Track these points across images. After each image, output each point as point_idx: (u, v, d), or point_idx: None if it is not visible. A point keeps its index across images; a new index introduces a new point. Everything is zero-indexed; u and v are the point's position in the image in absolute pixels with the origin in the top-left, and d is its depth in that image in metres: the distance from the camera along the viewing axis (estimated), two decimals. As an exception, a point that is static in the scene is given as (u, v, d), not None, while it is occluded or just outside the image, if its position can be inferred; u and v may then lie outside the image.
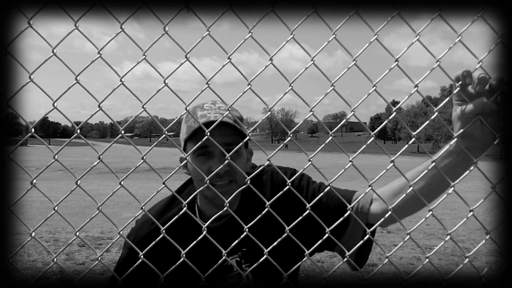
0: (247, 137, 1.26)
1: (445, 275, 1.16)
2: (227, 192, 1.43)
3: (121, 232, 1.00)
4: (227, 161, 1.14)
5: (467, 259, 1.16)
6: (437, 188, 1.31)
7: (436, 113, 1.13)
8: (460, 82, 1.13)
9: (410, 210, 1.39)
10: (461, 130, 1.18)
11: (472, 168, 1.22)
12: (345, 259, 1.24)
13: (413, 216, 1.49)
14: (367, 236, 1.24)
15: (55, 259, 0.99)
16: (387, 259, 1.15)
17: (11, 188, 1.12)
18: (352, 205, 1.23)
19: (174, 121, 1.09)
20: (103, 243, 7.77)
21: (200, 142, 1.20)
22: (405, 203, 1.30)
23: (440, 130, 64.83)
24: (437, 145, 65.31)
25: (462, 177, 1.23)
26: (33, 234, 0.97)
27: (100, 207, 0.94)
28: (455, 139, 1.20)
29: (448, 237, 1.16)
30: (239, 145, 1.19)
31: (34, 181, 0.92)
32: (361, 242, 1.29)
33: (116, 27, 0.91)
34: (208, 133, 1.10)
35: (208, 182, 1.16)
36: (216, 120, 1.27)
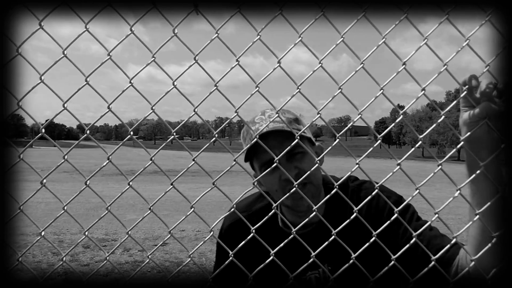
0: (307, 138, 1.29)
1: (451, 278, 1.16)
2: (311, 195, 1.38)
3: (129, 232, 1.01)
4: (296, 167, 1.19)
5: (472, 263, 1.16)
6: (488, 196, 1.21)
7: (443, 116, 1.14)
8: (467, 86, 1.13)
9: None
10: (468, 133, 1.17)
11: (477, 171, 1.21)
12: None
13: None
14: None
15: (63, 259, 1.00)
16: (393, 262, 1.15)
17: (17, 189, 1.13)
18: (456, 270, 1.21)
19: (183, 122, 1.10)
20: (107, 245, 7.78)
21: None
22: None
23: (445, 135, 64.57)
24: (442, 149, 65.07)
25: (468, 180, 1.23)
26: (43, 233, 0.98)
27: (109, 208, 0.94)
28: (460, 141, 1.20)
29: (454, 240, 1.16)
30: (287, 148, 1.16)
31: (44, 181, 0.93)
32: None
33: (121, 29, 0.92)
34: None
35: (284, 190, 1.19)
36: (268, 131, 1.30)
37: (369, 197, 1.18)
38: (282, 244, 1.13)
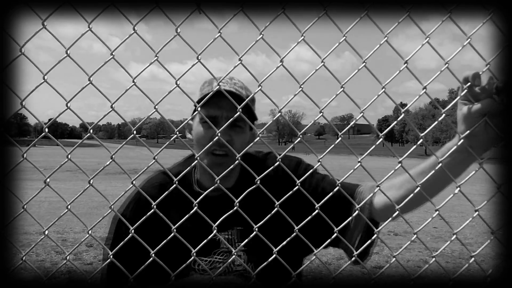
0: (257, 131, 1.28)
1: (451, 276, 1.16)
2: (221, 165, 1.45)
3: (132, 231, 1.01)
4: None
5: (472, 259, 1.16)
6: (437, 183, 1.31)
7: (444, 115, 1.14)
8: (469, 84, 1.14)
9: (412, 205, 1.35)
10: (468, 131, 1.18)
11: (477, 169, 1.22)
12: (352, 258, 1.24)
13: (419, 218, 1.49)
14: (375, 236, 1.24)
15: (67, 257, 1.00)
16: (394, 259, 1.15)
17: (21, 188, 1.13)
18: (360, 204, 1.24)
19: (186, 121, 1.10)
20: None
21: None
22: (406, 198, 1.29)
23: (447, 133, 64.46)
24: (445, 147, 64.84)
25: (468, 177, 1.23)
26: (46, 232, 0.98)
27: (112, 206, 0.95)
28: (460, 138, 1.20)
29: (454, 236, 1.16)
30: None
31: (48, 180, 0.93)
32: (369, 242, 1.31)
33: (125, 27, 0.92)
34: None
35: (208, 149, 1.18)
36: (229, 91, 1.33)
37: (273, 166, 1.23)
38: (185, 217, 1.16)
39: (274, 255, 1.17)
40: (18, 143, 1.04)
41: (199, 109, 1.25)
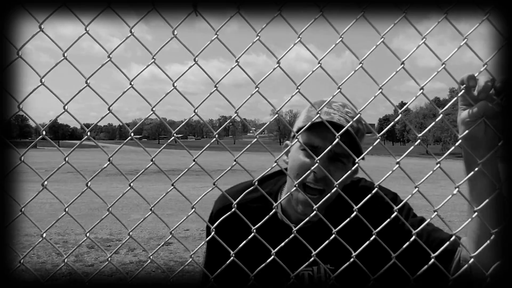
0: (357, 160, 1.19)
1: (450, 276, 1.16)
2: (314, 201, 1.29)
3: (131, 233, 1.01)
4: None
5: (471, 259, 1.16)
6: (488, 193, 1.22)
7: (442, 115, 1.14)
8: (465, 85, 1.14)
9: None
10: (465, 132, 1.18)
11: (476, 169, 1.21)
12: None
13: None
14: None
15: (65, 260, 1.00)
16: (393, 260, 1.15)
17: (20, 189, 1.13)
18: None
19: (183, 123, 1.10)
20: (112, 245, 7.80)
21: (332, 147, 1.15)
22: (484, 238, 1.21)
23: (448, 132, 64.43)
24: (446, 146, 64.90)
25: (466, 178, 1.23)
26: (44, 235, 0.98)
27: (109, 209, 0.95)
28: (458, 139, 1.20)
29: (453, 237, 1.16)
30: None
31: (46, 182, 0.93)
32: None
33: (124, 28, 0.92)
34: (338, 138, 1.08)
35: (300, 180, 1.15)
36: (338, 124, 1.23)
37: (369, 195, 1.16)
38: (283, 243, 1.13)
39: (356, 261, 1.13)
40: (19, 144, 1.04)
41: (299, 136, 1.23)
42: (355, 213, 1.09)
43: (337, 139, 1.09)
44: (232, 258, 1.11)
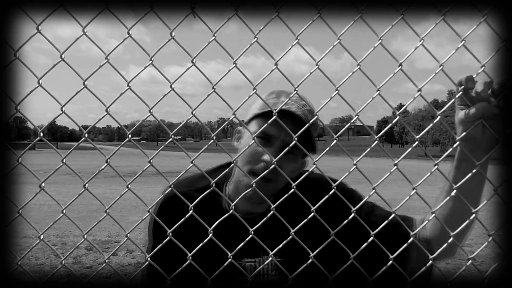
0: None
1: (449, 278, 1.16)
2: (262, 190, 1.25)
3: (128, 235, 1.01)
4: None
5: (469, 261, 1.16)
6: (474, 193, 1.26)
7: (439, 117, 1.14)
8: (463, 87, 1.14)
9: (465, 229, 1.26)
10: (463, 133, 1.18)
11: (474, 170, 1.21)
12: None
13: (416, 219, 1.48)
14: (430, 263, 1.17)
15: (63, 262, 1.00)
16: (391, 261, 1.15)
17: (19, 191, 1.13)
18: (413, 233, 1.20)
19: (180, 125, 1.10)
20: (110, 247, 7.79)
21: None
22: (457, 224, 1.23)
23: (447, 134, 64.47)
24: (444, 148, 64.95)
25: (464, 179, 1.23)
26: (41, 237, 0.98)
27: (107, 210, 0.94)
28: (456, 141, 1.20)
29: (451, 239, 1.16)
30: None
31: (43, 184, 0.93)
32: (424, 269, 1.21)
33: (123, 29, 0.92)
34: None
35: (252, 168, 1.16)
36: (295, 114, 1.23)
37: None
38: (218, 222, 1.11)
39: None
40: (17, 146, 1.04)
41: (255, 121, 1.25)
42: (314, 211, 1.10)
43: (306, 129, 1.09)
44: (175, 250, 1.09)
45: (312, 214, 1.11)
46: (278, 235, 1.14)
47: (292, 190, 1.10)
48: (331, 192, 1.13)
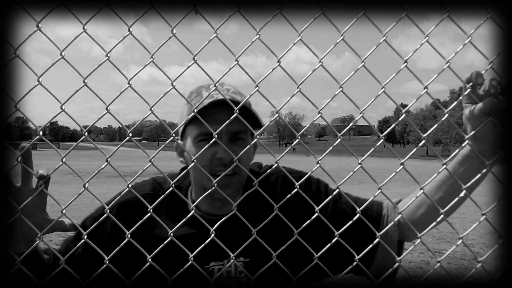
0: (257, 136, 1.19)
1: (455, 279, 1.15)
2: (228, 185, 1.26)
3: (129, 235, 1.00)
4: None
5: (479, 264, 1.15)
6: (457, 195, 1.24)
7: (447, 115, 1.12)
8: (471, 84, 1.12)
9: (432, 220, 1.27)
10: (473, 132, 1.16)
11: (485, 170, 1.19)
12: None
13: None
14: (397, 265, 1.20)
15: (63, 262, 0.99)
16: (397, 263, 1.14)
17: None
18: (381, 232, 1.20)
19: (181, 124, 1.09)
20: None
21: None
22: (428, 215, 1.27)
23: (449, 133, 64.45)
24: (446, 148, 64.92)
25: (473, 180, 1.21)
26: (41, 237, 0.97)
27: (107, 211, 0.94)
28: (467, 142, 1.18)
29: (460, 241, 1.15)
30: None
31: (42, 184, 0.92)
32: (390, 270, 1.25)
33: (123, 30, 0.91)
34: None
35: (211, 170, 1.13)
36: (224, 100, 1.12)
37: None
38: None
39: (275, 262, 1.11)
40: (19, 146, 1.03)
41: (191, 127, 1.22)
42: (276, 210, 1.10)
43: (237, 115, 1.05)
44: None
45: (275, 213, 1.10)
46: (245, 236, 1.12)
47: (254, 187, 1.09)
48: (294, 191, 1.13)
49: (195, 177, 1.40)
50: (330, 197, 1.30)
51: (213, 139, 1.06)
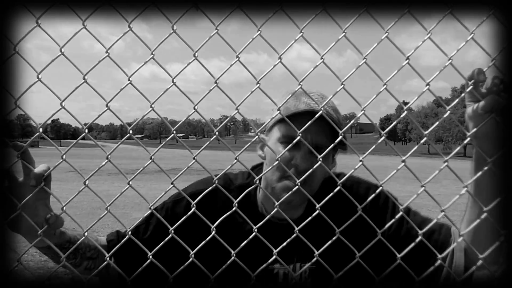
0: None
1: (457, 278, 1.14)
2: (296, 193, 1.20)
3: (129, 232, 1.00)
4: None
5: (480, 261, 1.14)
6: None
7: (448, 112, 1.12)
8: (473, 81, 1.11)
9: (492, 241, 1.20)
10: (475, 129, 1.15)
11: (486, 168, 1.18)
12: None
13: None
14: None
15: (63, 259, 0.99)
16: (398, 260, 1.13)
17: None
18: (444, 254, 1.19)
19: (182, 121, 1.09)
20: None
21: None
22: (487, 236, 1.20)
23: (450, 131, 64.34)
24: (448, 145, 64.81)
25: (474, 178, 1.21)
26: (41, 234, 0.97)
27: (108, 208, 0.93)
28: (467, 137, 1.17)
29: (461, 238, 1.14)
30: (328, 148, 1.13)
31: (42, 182, 0.92)
32: None
33: (124, 27, 0.90)
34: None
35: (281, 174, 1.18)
36: (319, 113, 1.10)
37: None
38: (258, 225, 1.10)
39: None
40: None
41: (278, 127, 1.29)
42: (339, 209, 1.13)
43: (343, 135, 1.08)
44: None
45: (358, 213, 1.09)
46: (315, 241, 1.12)
47: (338, 189, 1.09)
48: (369, 199, 1.16)
49: (267, 175, 1.40)
50: (397, 216, 1.25)
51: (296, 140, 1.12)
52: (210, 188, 1.16)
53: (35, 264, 6.53)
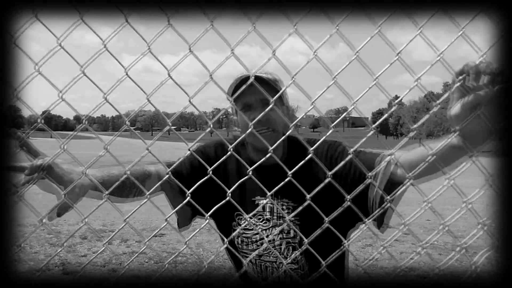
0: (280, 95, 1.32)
1: (441, 266, 1.17)
2: (270, 138, 1.57)
3: (127, 220, 1.01)
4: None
5: (459, 248, 1.17)
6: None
7: (437, 107, 1.14)
8: (464, 75, 1.13)
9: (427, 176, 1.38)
10: (462, 124, 1.17)
11: (470, 163, 1.21)
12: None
13: (412, 211, 1.49)
14: (388, 205, 1.27)
15: (61, 247, 1.00)
16: (384, 249, 1.16)
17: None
18: (374, 172, 1.36)
19: (179, 112, 1.10)
20: (105, 235, 7.79)
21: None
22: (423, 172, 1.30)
23: (441, 126, 64.61)
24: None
25: (460, 171, 1.23)
26: (44, 220, 0.98)
27: (107, 195, 0.95)
28: (456, 134, 1.19)
29: (446, 228, 1.17)
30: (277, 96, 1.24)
31: (37, 174, 0.93)
32: (380, 209, 1.45)
33: (120, 20, 0.91)
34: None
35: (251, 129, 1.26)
36: (256, 76, 1.31)
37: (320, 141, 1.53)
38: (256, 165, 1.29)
39: (326, 224, 1.21)
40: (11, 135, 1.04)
41: (233, 102, 1.54)
42: (310, 155, 1.19)
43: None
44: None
45: (309, 157, 1.21)
46: (292, 184, 1.23)
47: (310, 155, 1.20)
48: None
49: (246, 138, 1.67)
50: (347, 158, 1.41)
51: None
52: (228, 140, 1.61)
53: (25, 256, 6.52)
